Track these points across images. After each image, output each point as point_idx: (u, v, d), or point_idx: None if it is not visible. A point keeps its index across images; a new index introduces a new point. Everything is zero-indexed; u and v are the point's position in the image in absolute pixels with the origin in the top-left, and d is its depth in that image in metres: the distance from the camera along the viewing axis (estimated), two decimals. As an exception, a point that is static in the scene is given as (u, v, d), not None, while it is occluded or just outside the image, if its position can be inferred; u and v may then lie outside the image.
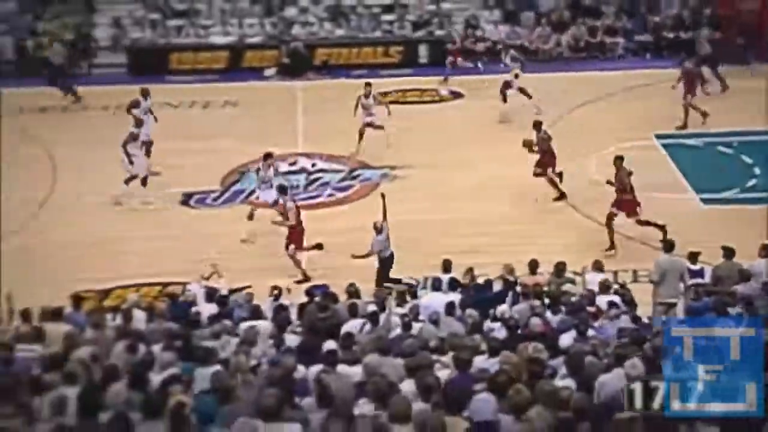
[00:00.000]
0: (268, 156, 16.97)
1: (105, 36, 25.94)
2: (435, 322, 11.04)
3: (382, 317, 11.38)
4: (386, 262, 14.67)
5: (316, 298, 12.28)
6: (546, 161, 17.55)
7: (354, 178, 19.32)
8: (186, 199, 18.26)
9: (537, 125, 17.84)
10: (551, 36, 26.64)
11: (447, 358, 9.45)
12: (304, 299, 12.65)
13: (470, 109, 22.92)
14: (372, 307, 11.73)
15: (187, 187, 18.51)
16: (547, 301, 11.72)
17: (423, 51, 25.84)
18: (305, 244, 15.69)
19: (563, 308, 11.34)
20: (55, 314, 11.54)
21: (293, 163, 19.80)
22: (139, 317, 11.80)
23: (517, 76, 21.55)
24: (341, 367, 9.41)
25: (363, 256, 14.68)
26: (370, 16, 26.81)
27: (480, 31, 26.78)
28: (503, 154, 18.94)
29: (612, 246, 15.75)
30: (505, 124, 21.33)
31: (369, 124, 19.65)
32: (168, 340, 10.39)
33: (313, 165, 19.80)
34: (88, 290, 14.72)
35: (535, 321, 10.42)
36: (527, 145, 17.49)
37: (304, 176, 19.38)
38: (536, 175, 17.59)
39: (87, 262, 16.01)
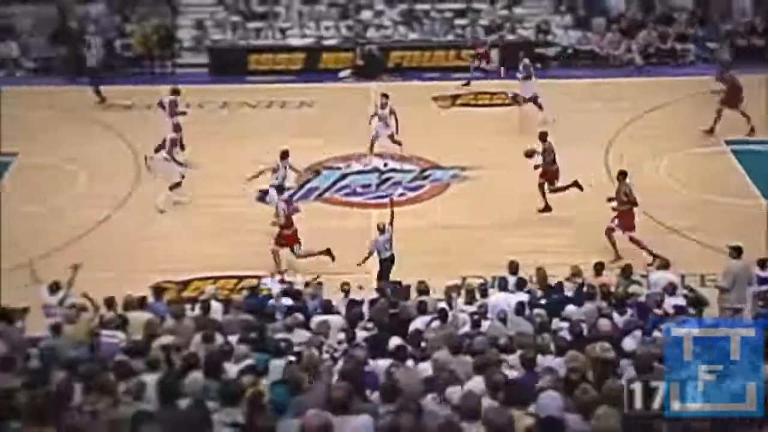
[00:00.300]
0: (285, 155, 16.95)
1: (188, 37, 26.31)
2: (503, 320, 11.00)
3: (450, 315, 11.37)
4: (385, 264, 14.67)
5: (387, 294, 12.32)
6: (549, 173, 17.29)
7: (425, 178, 19.33)
8: (262, 196, 18.42)
9: (542, 136, 17.56)
10: (622, 42, 26.30)
11: (514, 357, 9.41)
12: (375, 295, 12.69)
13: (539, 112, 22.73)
14: (441, 305, 11.73)
15: (263, 185, 18.67)
16: (613, 301, 11.58)
17: (494, 55, 25.70)
18: (301, 245, 15.70)
19: (629, 310, 11.20)
20: (139, 303, 11.79)
21: (366, 163, 19.89)
22: (216, 308, 11.99)
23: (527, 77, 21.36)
24: (410, 363, 9.44)
25: (365, 258, 14.74)
26: (443, 20, 26.77)
27: (551, 36, 26.58)
28: (570, 157, 18.75)
29: (617, 257, 15.39)
30: (560, 127, 21.16)
31: (390, 137, 19.49)
32: (244, 332, 10.54)
33: (385, 165, 19.85)
34: (168, 281, 14.99)
35: (603, 322, 10.31)
36: (528, 154, 17.25)
37: (377, 176, 19.44)
38: (543, 186, 17.33)
39: (166, 254, 16.28)
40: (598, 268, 13.23)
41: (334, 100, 23.41)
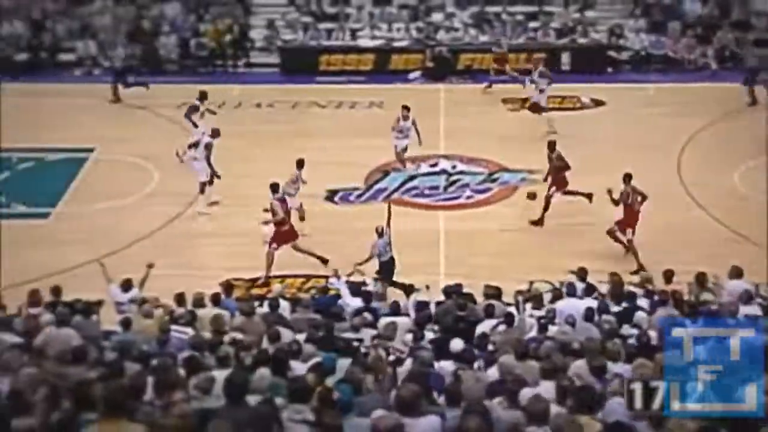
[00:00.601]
0: (300, 163, 16.99)
1: (259, 37, 26.59)
2: (572, 325, 10.91)
3: (518, 319, 11.32)
4: (385, 266, 14.65)
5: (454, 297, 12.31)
6: (557, 181, 17.08)
7: (493, 180, 19.26)
8: (330, 195, 18.56)
9: (551, 145, 17.35)
10: (697, 46, 25.87)
11: (582, 362, 9.33)
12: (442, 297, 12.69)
13: (611, 116, 22.52)
14: (508, 309, 11.68)
15: (332, 184, 18.80)
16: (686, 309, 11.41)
17: (565, 58, 25.50)
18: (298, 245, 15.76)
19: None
20: (213, 300, 11.98)
21: (434, 165, 19.89)
22: (284, 306, 12.10)
23: (541, 91, 20.99)
24: (477, 366, 9.42)
25: (364, 261, 14.71)
26: (515, 23, 26.63)
27: (623, 40, 26.28)
28: (641, 162, 18.51)
29: (638, 263, 15.24)
30: (631, 132, 20.94)
31: (403, 150, 19.21)
32: (311, 330, 10.62)
33: (454, 167, 19.83)
34: (237, 279, 15.18)
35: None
36: (531, 197, 17.12)
37: (445, 177, 19.43)
38: (565, 193, 17.13)
39: (235, 251, 16.46)
40: (669, 275, 13.04)
41: (404, 101, 23.37)
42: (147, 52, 25.49)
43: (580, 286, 12.54)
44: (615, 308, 11.70)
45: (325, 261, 15.57)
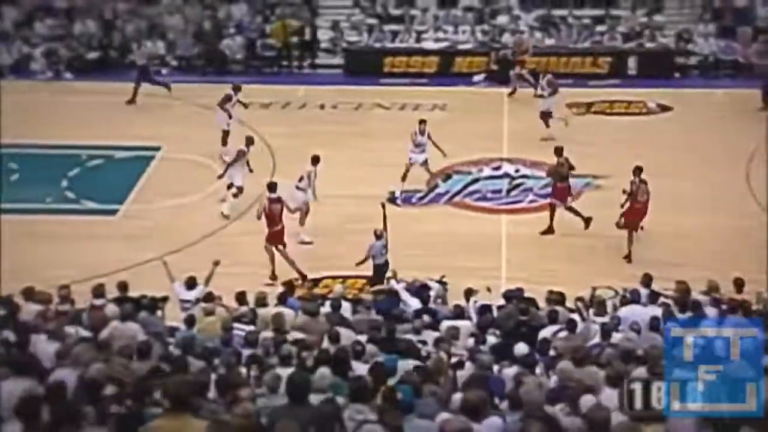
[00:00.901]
0: (316, 160, 17.06)
1: (325, 38, 26.73)
2: (637, 333, 10.78)
3: (581, 325, 11.22)
4: (379, 269, 14.60)
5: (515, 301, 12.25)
6: (559, 190, 16.93)
7: (557, 185, 19.09)
8: (392, 197, 18.59)
9: (558, 151, 17.20)
10: (768, 51, 25.36)
11: (643, 370, 9.21)
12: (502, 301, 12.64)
13: (677, 121, 22.20)
14: (570, 315, 11.59)
15: (394, 186, 18.83)
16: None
17: (632, 62, 25.20)
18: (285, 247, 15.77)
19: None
20: (280, 299, 12.10)
21: (497, 168, 19.81)
22: (346, 307, 12.15)
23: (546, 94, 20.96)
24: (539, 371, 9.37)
25: (361, 261, 14.78)
26: (581, 26, 26.38)
27: (691, 45, 25.89)
28: (709, 169, 18.26)
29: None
30: (699, 138, 20.61)
31: (423, 164, 18.91)
32: (372, 332, 10.65)
33: (517, 171, 19.72)
34: (299, 278, 15.28)
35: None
36: (551, 173, 17.04)
37: (507, 181, 19.34)
38: (566, 208, 16.98)
39: (297, 251, 16.55)
40: (739, 284, 12.81)
41: (467, 104, 23.39)
42: (210, 52, 25.75)
43: (644, 292, 12.38)
44: (680, 316, 11.54)
45: (303, 277, 15.46)
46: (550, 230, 16.95)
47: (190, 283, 13.33)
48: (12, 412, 6.66)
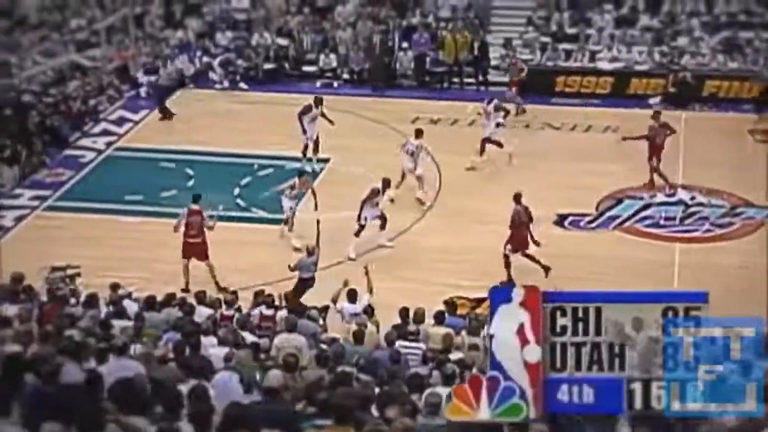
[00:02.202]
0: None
1: (496, 56, 26.61)
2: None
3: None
4: (304, 284, 14.86)
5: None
6: (515, 239, 16.14)
7: (736, 215, 18.37)
8: (560, 220, 18.33)
9: (516, 198, 16.45)
10: None
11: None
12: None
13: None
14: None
15: (562, 208, 18.56)
16: None
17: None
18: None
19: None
20: (437, 318, 12.10)
21: (671, 194, 19.20)
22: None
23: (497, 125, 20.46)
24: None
25: (291, 269, 15.03)
26: (768, 49, 25.32)
27: None
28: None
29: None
30: None
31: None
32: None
33: (692, 198, 19.07)
34: (461, 297, 15.23)
35: None
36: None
37: (682, 208, 18.72)
38: (523, 255, 16.26)
39: (462, 268, 16.53)
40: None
41: (641, 127, 22.73)
42: (380, 66, 26.02)
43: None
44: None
45: (223, 289, 15.26)
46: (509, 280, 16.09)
47: (353, 297, 13.50)
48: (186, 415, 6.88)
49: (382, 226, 17.28)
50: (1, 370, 7.85)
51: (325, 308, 13.73)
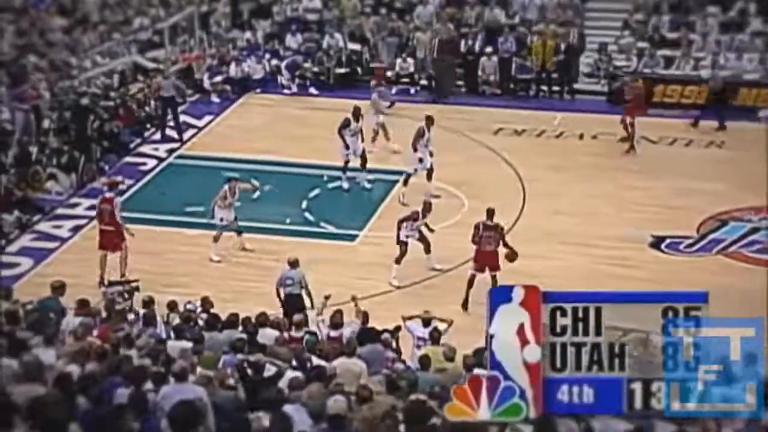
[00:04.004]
0: (232, 179, 17.97)
1: (589, 61, 26.41)
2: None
3: None
4: (288, 298, 15.12)
5: None
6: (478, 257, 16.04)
7: None
8: (657, 242, 18.10)
9: (489, 213, 16.18)
10: None
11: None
12: None
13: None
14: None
15: (659, 230, 18.33)
16: None
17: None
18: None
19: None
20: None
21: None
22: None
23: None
24: None
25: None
26: None
27: None
28: None
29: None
30: None
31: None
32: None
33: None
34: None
35: None
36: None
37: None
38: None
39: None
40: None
41: (749, 142, 22.32)
42: (442, 75, 25.92)
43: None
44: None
45: (128, 281, 15.23)
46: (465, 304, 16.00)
47: (427, 321, 13.51)
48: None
49: (427, 249, 17.18)
50: (55, 389, 8.04)
51: (398, 328, 13.75)
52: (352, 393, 9.18)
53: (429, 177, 19.87)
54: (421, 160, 19.66)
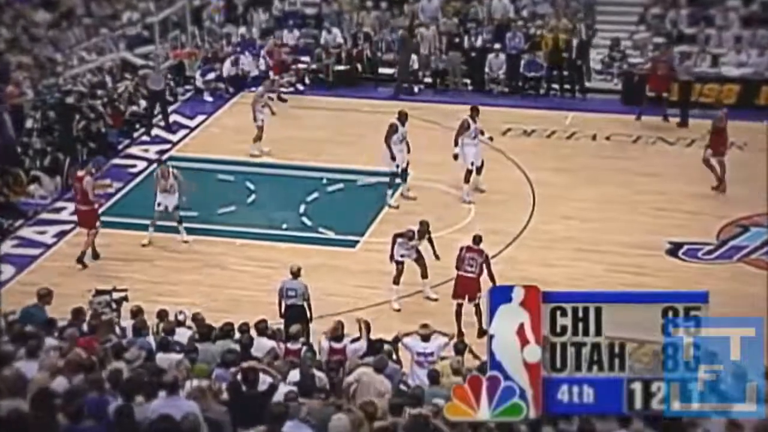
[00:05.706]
0: (161, 161, 19.06)
1: (600, 58, 26.42)
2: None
3: None
4: (288, 309, 15.06)
5: None
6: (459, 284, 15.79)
7: None
8: (674, 249, 18.09)
9: (476, 240, 15.92)
10: None
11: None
12: None
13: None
14: None
15: (676, 236, 18.32)
16: None
17: None
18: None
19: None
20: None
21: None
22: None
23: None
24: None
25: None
26: None
27: None
28: None
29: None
30: None
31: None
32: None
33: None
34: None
35: None
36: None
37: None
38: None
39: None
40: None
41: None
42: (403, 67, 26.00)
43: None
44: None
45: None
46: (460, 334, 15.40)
47: (426, 335, 13.45)
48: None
49: (424, 274, 16.83)
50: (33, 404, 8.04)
51: (396, 340, 13.75)
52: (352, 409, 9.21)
53: (479, 171, 20.16)
54: (456, 156, 19.90)
